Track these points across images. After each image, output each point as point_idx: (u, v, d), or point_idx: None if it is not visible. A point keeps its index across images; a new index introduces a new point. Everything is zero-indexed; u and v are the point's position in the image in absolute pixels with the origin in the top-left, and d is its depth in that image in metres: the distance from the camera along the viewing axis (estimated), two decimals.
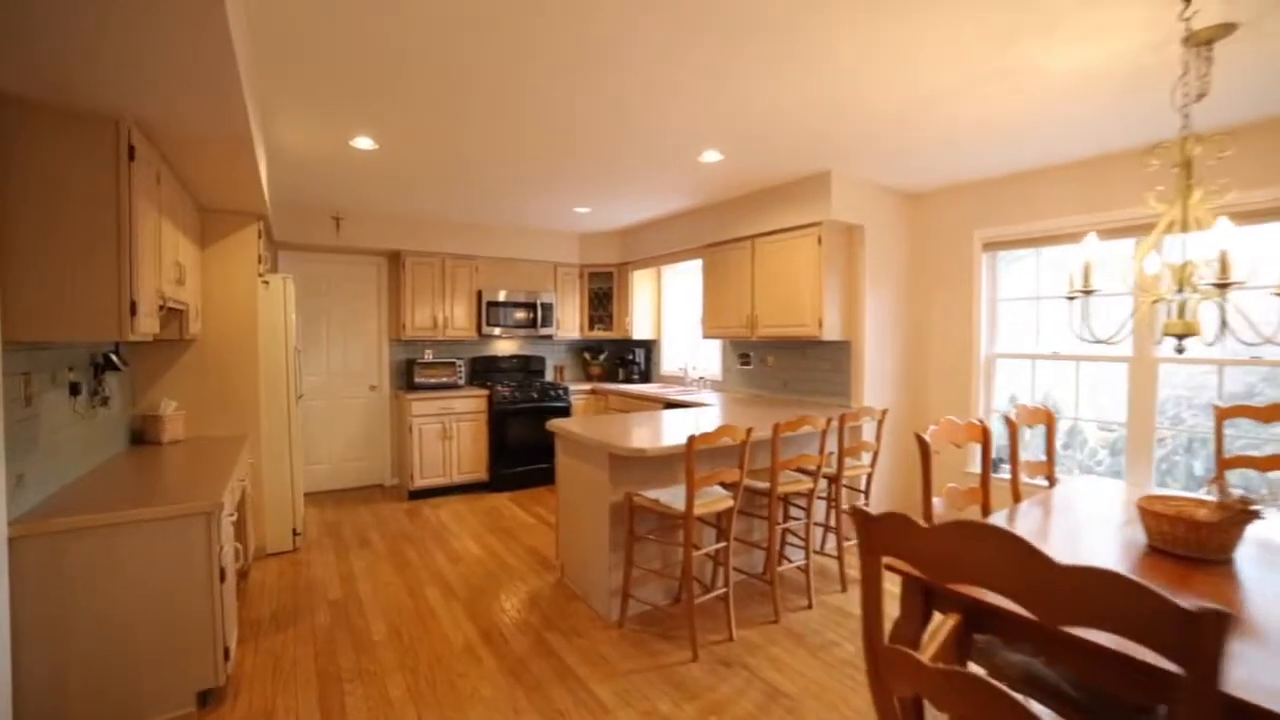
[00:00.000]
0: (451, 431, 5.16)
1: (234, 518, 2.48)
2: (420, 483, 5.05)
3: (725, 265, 4.73)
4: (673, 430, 3.13)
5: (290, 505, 3.84)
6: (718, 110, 2.83)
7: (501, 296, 5.61)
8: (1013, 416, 2.54)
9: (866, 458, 3.62)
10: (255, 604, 3.15)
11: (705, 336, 4.98)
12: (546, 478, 5.58)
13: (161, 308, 2.40)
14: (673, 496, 2.77)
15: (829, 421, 3.16)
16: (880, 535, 1.07)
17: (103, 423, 2.73)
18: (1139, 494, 2.09)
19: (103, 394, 2.68)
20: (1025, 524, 2.01)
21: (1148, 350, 3.23)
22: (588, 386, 5.88)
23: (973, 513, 2.53)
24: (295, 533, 3.88)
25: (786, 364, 4.68)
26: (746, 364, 5.04)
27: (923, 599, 1.58)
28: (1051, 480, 2.65)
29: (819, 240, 3.95)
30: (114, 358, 2.71)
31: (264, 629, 2.89)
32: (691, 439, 2.54)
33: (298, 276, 5.13)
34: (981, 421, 2.39)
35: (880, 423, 3.48)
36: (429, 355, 5.66)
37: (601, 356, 6.42)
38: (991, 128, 3.00)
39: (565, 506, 3.38)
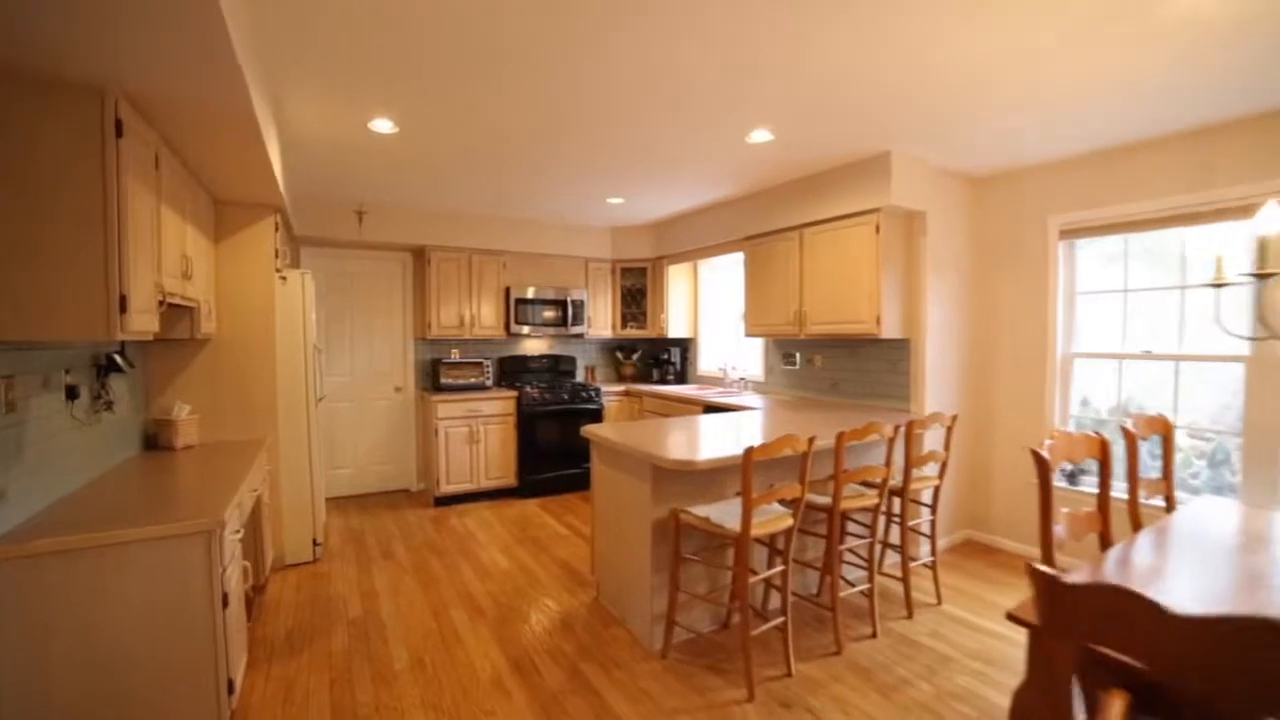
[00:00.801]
0: (479, 435, 4.92)
1: (240, 534, 2.25)
2: (446, 489, 4.83)
3: (769, 258, 4.39)
4: (721, 438, 2.82)
5: (310, 514, 3.63)
6: (774, 81, 2.50)
7: (530, 294, 5.36)
8: (1129, 426, 2.16)
9: (932, 469, 3.26)
10: (270, 621, 2.93)
11: (747, 335, 4.65)
12: (578, 484, 5.32)
13: (162, 303, 2.18)
14: (723, 513, 2.46)
15: (896, 429, 2.81)
16: (1086, 614, 0.75)
17: (108, 429, 2.53)
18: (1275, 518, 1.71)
19: (106, 398, 2.48)
20: (1212, 576, 1.65)
21: (1276, 348, 2.80)
22: (620, 388, 5.59)
23: (1091, 543, 2.16)
24: (316, 543, 3.67)
25: (836, 364, 4.32)
26: (791, 364, 4.69)
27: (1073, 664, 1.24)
28: (1170, 502, 2.27)
29: (876, 229, 3.59)
30: (118, 359, 2.51)
31: (277, 651, 2.66)
32: (750, 451, 2.23)
33: (320, 273, 4.95)
34: (1098, 434, 2.03)
35: (950, 430, 3.12)
36: (455, 355, 5.44)
37: (635, 356, 6.13)
38: (1084, 92, 2.61)
39: (601, 519, 3.10)
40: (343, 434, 5.11)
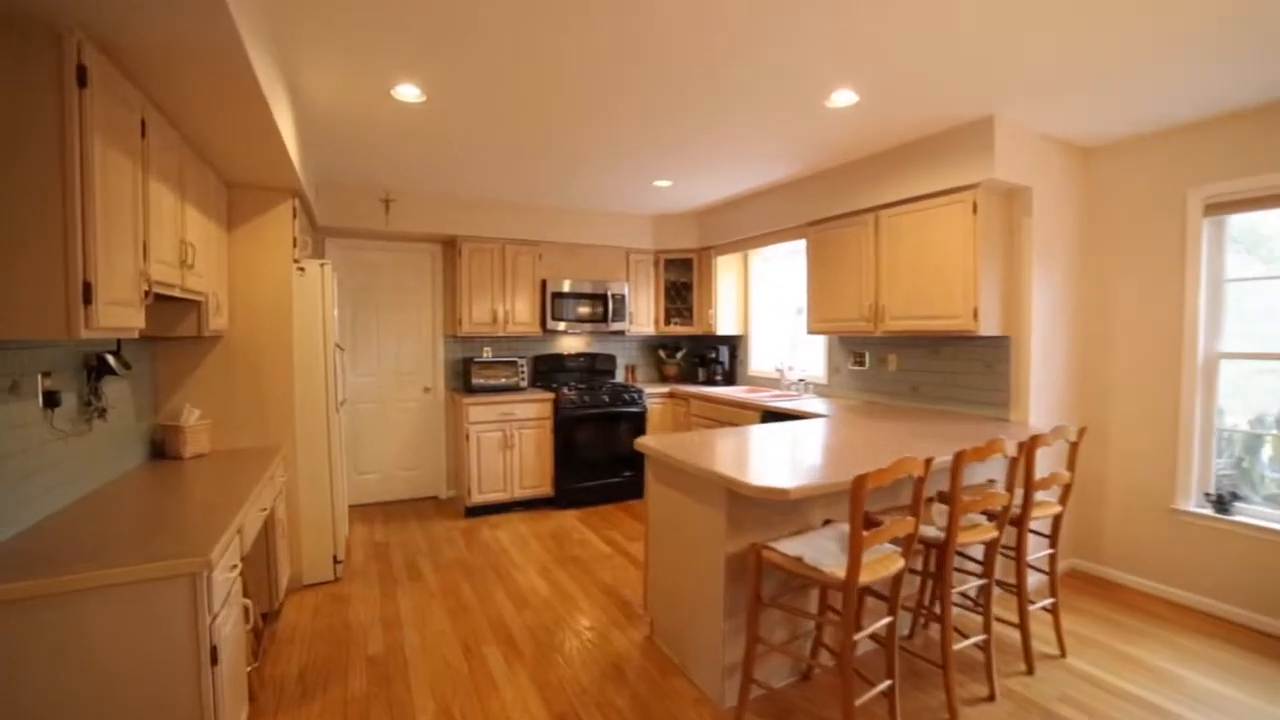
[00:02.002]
0: (513, 440, 4.55)
1: (237, 569, 1.89)
2: (478, 498, 4.47)
3: (838, 245, 3.90)
4: (805, 455, 2.36)
5: (330, 528, 3.29)
6: (865, 26, 2.04)
7: (568, 287, 4.96)
8: None
9: (1051, 493, 2.75)
10: (282, 656, 2.59)
11: (810, 332, 4.16)
12: (619, 493, 4.91)
13: (148, 294, 1.83)
14: (818, 550, 2.01)
15: (1021, 447, 2.31)
16: None
17: (101, 439, 2.21)
18: None
19: (98, 404, 2.16)
20: None
21: None
22: (664, 389, 5.16)
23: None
24: (336, 560, 3.33)
25: (914, 365, 3.81)
26: (860, 364, 4.19)
27: None
28: None
29: (974, 207, 3.08)
30: (111, 360, 2.17)
31: (287, 698, 2.31)
32: (863, 480, 1.77)
33: (345, 266, 4.64)
34: None
35: (1076, 446, 2.60)
36: (488, 354, 5.08)
37: (679, 355, 5.69)
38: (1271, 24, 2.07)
39: (657, 546, 2.67)
40: (368, 437, 4.79)
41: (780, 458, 2.31)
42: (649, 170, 3.94)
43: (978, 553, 2.68)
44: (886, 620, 2.03)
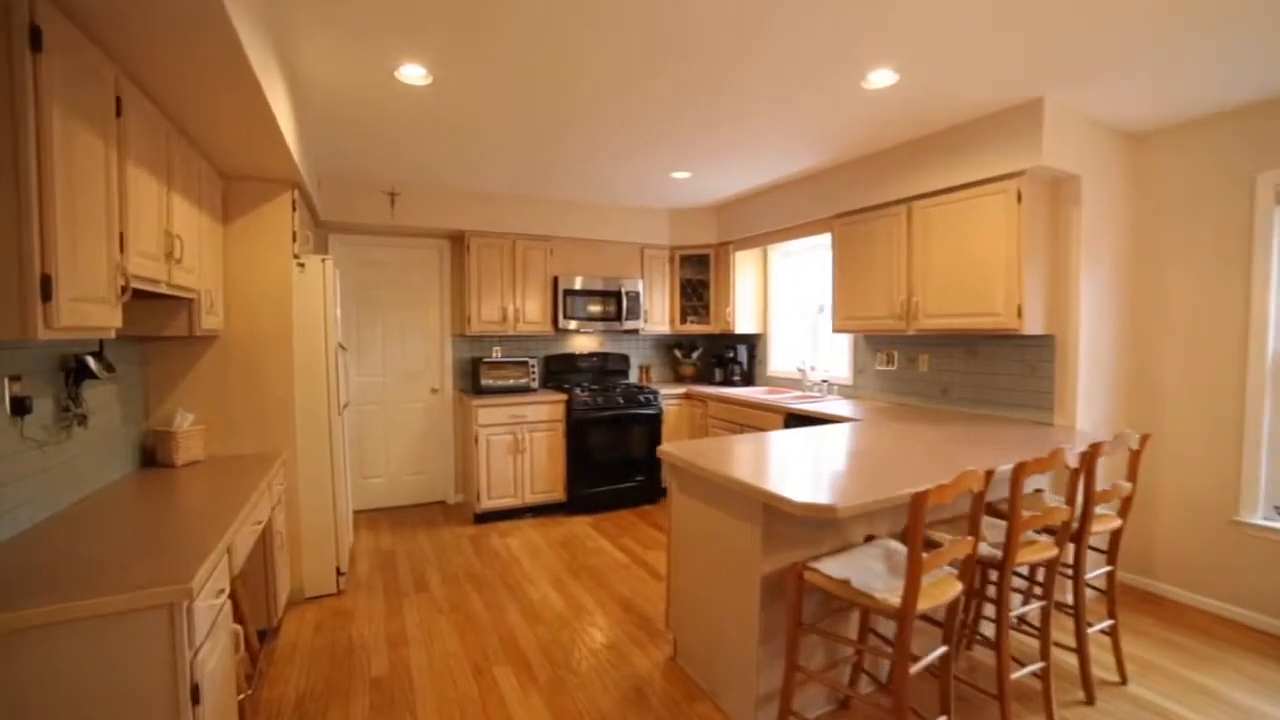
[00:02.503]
0: (524, 443, 4.37)
1: (225, 593, 1.71)
2: (487, 504, 4.29)
3: (867, 239, 3.69)
4: (846, 466, 2.16)
5: (333, 538, 3.12)
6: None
7: (580, 284, 4.77)
8: None
9: (1109, 506, 2.54)
10: (280, 678, 2.42)
11: (836, 331, 3.96)
12: (632, 499, 4.72)
13: (125, 290, 1.65)
14: (866, 572, 1.81)
15: (1084, 457, 2.10)
16: None
17: (82, 448, 2.04)
18: None
19: (77, 410, 1.99)
20: None
21: None
22: (680, 390, 4.96)
23: None
24: (340, 572, 3.17)
25: (947, 365, 3.60)
26: (889, 365, 3.98)
27: None
28: None
29: (1018, 197, 2.86)
30: (91, 362, 2.01)
31: None
32: (922, 498, 1.57)
33: (349, 264, 4.48)
34: None
35: (1139, 454, 2.39)
36: (497, 353, 4.91)
37: (695, 354, 5.49)
38: None
39: (681, 559, 2.48)
40: (374, 440, 4.63)
41: (817, 468, 2.11)
42: (668, 161, 3.74)
43: (1044, 575, 2.47)
44: (941, 651, 1.83)
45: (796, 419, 3.77)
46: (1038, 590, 2.43)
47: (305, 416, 2.99)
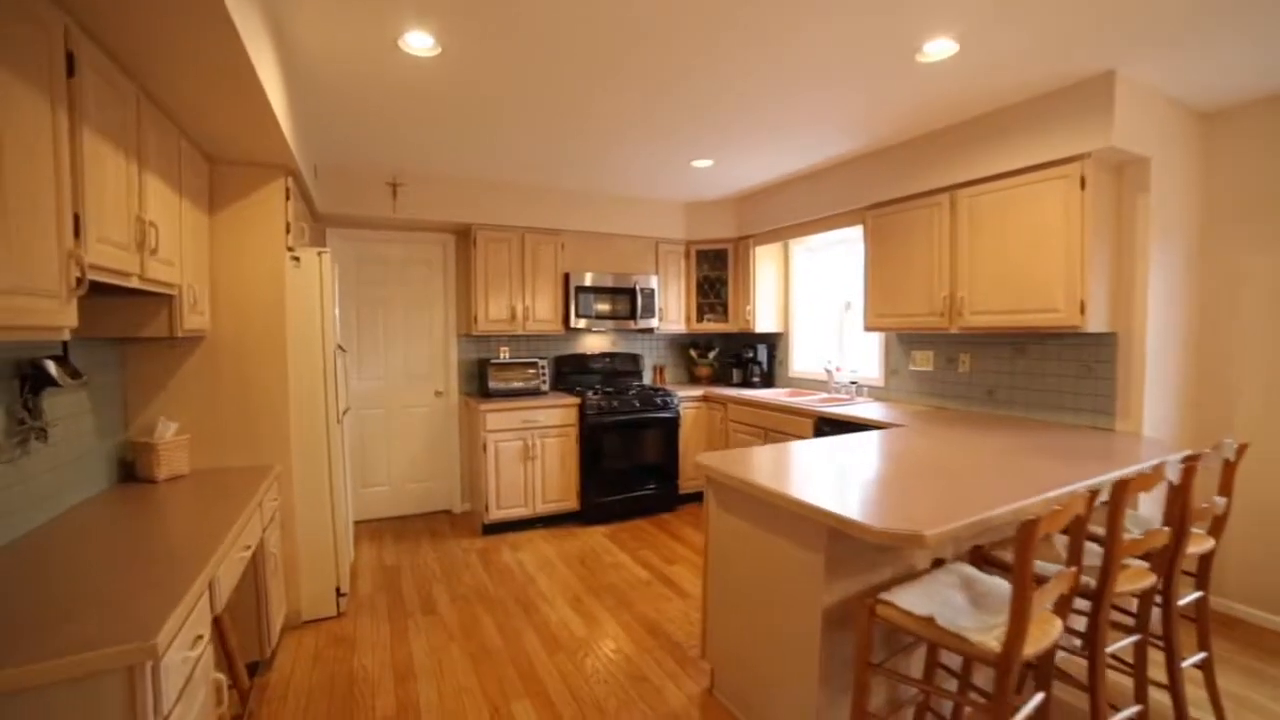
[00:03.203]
0: (534, 450, 4.11)
1: (203, 639, 1.46)
2: (496, 514, 4.04)
3: (904, 231, 3.43)
4: (905, 479, 1.91)
5: (333, 557, 2.87)
6: None
7: (593, 280, 4.52)
8: None
9: (1201, 525, 2.27)
10: None
11: (869, 329, 3.70)
12: (648, 507, 4.47)
13: (80, 282, 1.39)
14: (947, 606, 1.56)
15: (1184, 473, 1.85)
16: None
17: (42, 465, 1.78)
18: None
19: (35, 423, 1.73)
20: None
21: None
22: (697, 391, 4.71)
23: None
24: (340, 593, 2.91)
25: (992, 365, 3.35)
26: (924, 365, 3.72)
27: None
28: None
29: (1082, 183, 2.61)
30: (52, 368, 1.75)
31: None
32: (1033, 525, 1.32)
33: (349, 260, 4.22)
34: None
35: (1234, 465, 2.13)
36: (505, 354, 4.65)
37: (711, 354, 5.23)
38: None
39: (721, 581, 2.23)
40: (375, 447, 4.37)
41: (880, 484, 1.86)
42: (691, 147, 3.49)
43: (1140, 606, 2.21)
44: (1040, 699, 1.58)
45: (829, 424, 3.52)
46: (1128, 621, 2.17)
47: (301, 425, 2.74)
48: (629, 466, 4.37)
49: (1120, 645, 1.89)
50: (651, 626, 2.82)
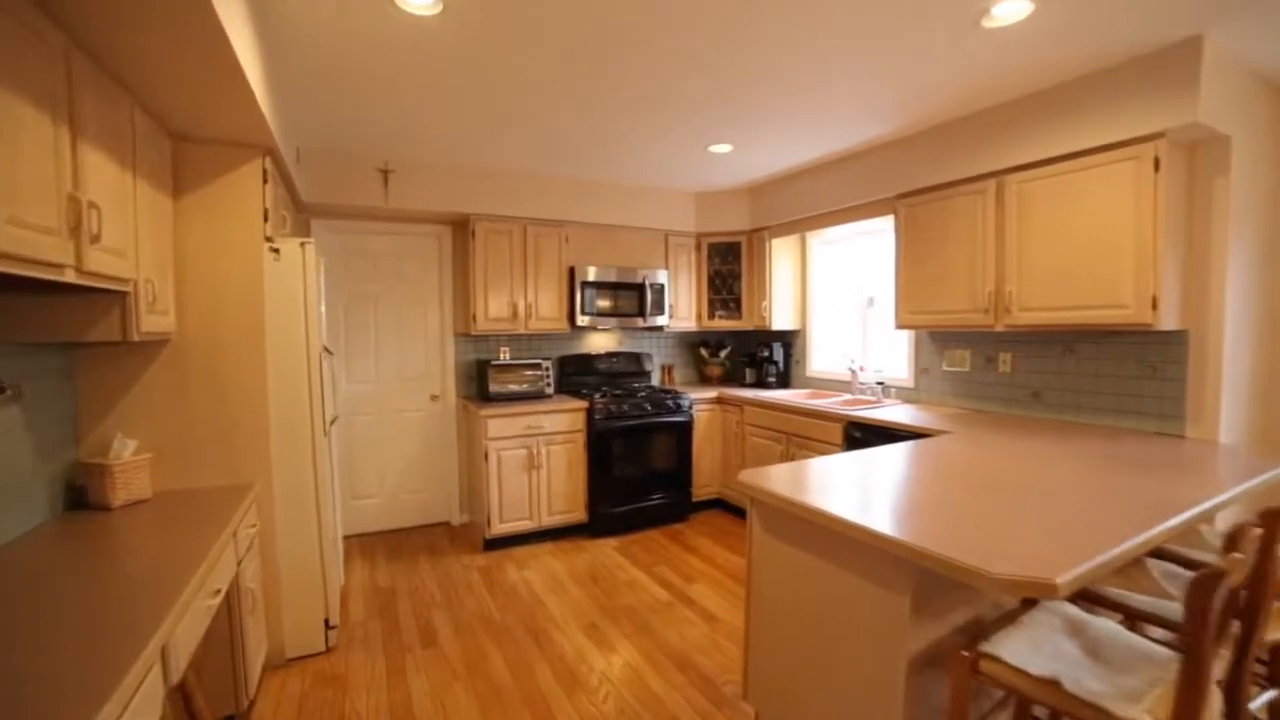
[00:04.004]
0: (539, 458, 3.82)
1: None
2: (499, 528, 3.74)
3: (942, 221, 3.17)
4: (983, 502, 1.63)
5: (320, 586, 2.56)
6: None
7: (600, 276, 4.22)
8: None
9: None
10: None
11: (900, 327, 3.44)
12: (660, 517, 4.19)
13: None
14: (1064, 662, 1.28)
15: None
16: None
17: None
18: None
19: None
20: None
21: None
22: (710, 393, 4.43)
23: None
24: (328, 624, 2.60)
25: (1037, 365, 3.09)
26: (960, 365, 3.47)
27: None
28: None
29: (1155, 164, 2.35)
30: None
31: None
32: (1214, 578, 1.05)
33: (337, 254, 3.89)
34: None
35: None
36: (505, 355, 4.34)
37: (723, 353, 4.95)
38: None
39: (768, 616, 1.95)
40: (367, 455, 4.05)
41: (958, 510, 1.58)
42: (710, 130, 3.20)
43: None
44: None
45: (860, 429, 3.25)
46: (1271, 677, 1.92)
47: (283, 438, 2.42)
48: (639, 474, 4.08)
49: (1261, 702, 1.63)
50: (678, 658, 2.54)
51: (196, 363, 2.27)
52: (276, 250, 2.37)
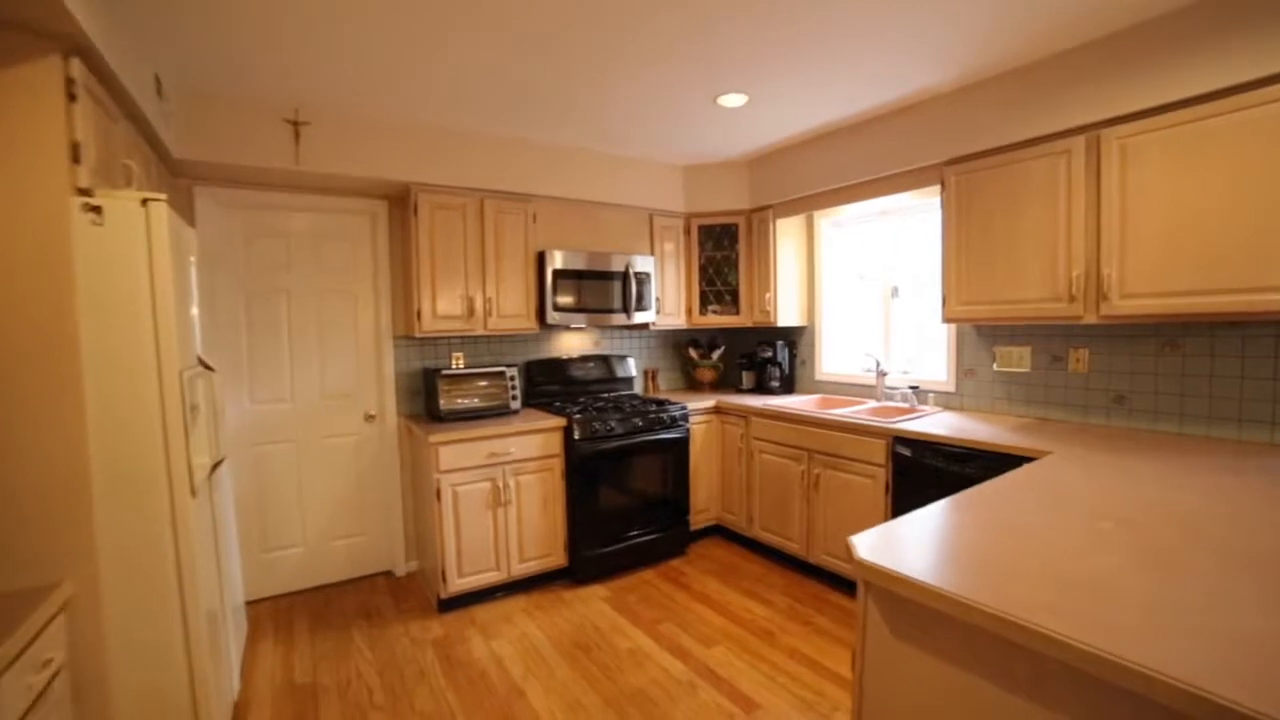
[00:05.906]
0: (506, 492, 3.03)
1: None
2: (458, 584, 2.93)
3: (1009, 190, 2.58)
4: (1223, 574, 1.00)
5: (189, 710, 1.71)
6: None
7: (574, 263, 3.46)
8: None
9: None
10: None
11: (950, 320, 2.84)
12: (654, 552, 3.47)
13: None
14: None
15: None
16: None
17: None
18: None
19: None
20: None
21: None
22: (706, 402, 3.74)
23: None
24: None
25: (1124, 365, 2.56)
26: (1017, 364, 2.90)
27: None
28: None
29: None
30: None
31: None
32: None
33: (233, 234, 2.98)
34: None
35: None
36: (459, 363, 3.52)
37: (715, 354, 4.27)
38: None
39: None
40: (283, 495, 3.16)
41: (1211, 598, 0.94)
42: (723, 73, 2.49)
43: None
44: None
45: (909, 445, 2.63)
46: None
47: (119, 504, 1.56)
48: (630, 503, 3.35)
49: None
50: None
51: None
52: (97, 209, 1.50)
